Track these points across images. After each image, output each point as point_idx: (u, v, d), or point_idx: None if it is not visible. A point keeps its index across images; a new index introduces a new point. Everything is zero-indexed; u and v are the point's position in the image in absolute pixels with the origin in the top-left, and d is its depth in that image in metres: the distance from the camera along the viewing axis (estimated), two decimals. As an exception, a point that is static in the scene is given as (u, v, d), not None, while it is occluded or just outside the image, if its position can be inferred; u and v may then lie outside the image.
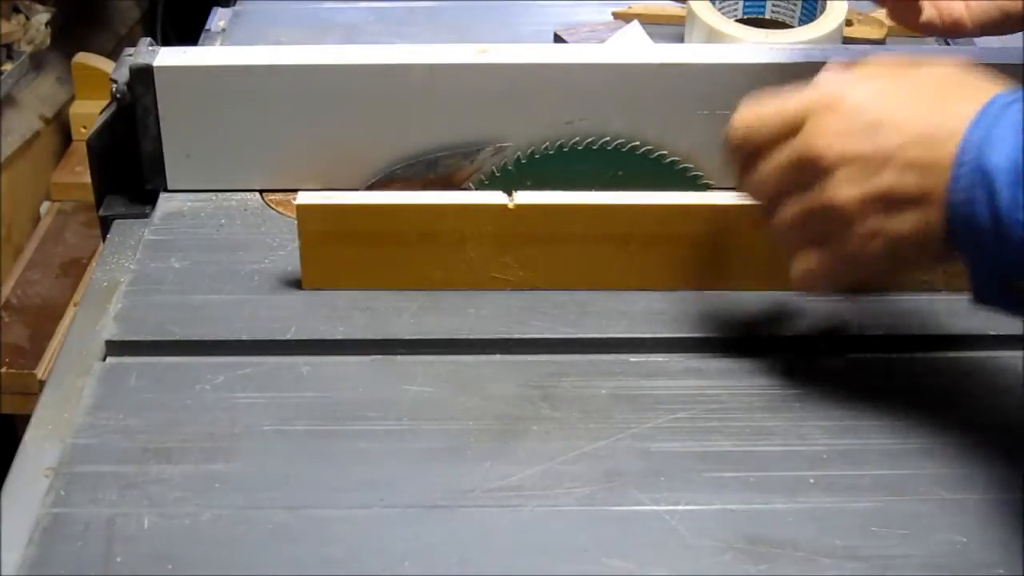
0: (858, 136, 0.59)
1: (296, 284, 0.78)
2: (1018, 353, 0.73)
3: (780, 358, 0.73)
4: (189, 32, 1.33)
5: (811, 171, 0.61)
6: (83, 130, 1.84)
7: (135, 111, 0.84)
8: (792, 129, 0.62)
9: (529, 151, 0.87)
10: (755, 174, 0.64)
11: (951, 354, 0.74)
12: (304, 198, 0.76)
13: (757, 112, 0.64)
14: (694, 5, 1.06)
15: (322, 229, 0.76)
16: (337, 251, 0.76)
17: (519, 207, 0.75)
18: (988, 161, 0.56)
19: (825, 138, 0.60)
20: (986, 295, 0.59)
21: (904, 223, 0.59)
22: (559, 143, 0.87)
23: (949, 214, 0.58)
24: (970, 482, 0.65)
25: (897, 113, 0.59)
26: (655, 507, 0.63)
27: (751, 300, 0.77)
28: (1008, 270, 0.57)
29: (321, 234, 0.76)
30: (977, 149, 0.56)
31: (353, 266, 0.77)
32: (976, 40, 1.10)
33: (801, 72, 0.85)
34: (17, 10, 1.80)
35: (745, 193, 0.65)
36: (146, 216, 0.86)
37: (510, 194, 0.76)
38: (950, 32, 0.77)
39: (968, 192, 0.56)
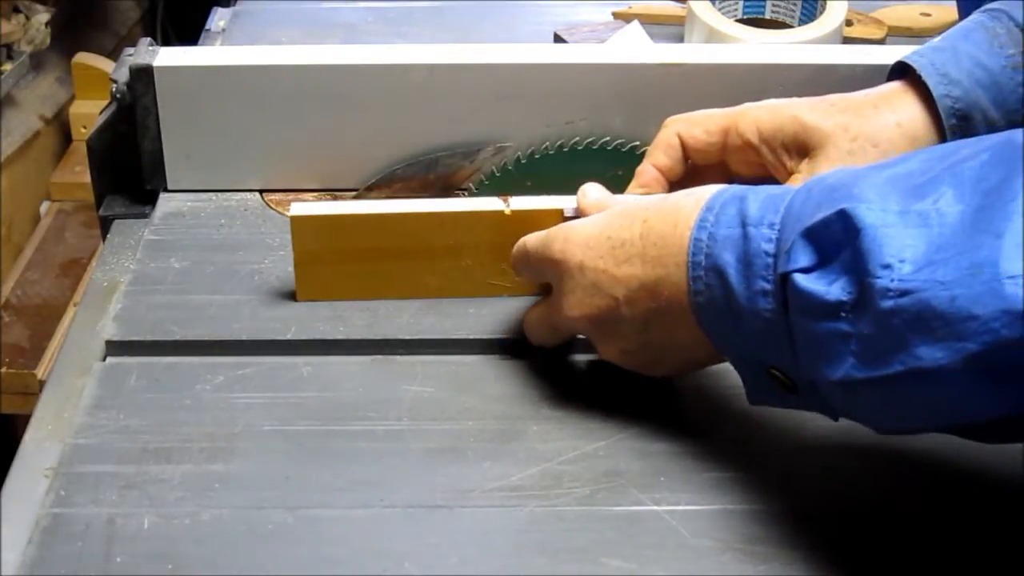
0: (590, 296, 0.65)
1: (296, 284, 0.78)
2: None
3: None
4: (189, 32, 1.33)
5: (567, 329, 0.70)
6: (83, 130, 1.85)
7: (135, 111, 0.84)
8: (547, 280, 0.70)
9: (529, 151, 0.87)
10: (527, 323, 0.73)
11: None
12: (298, 209, 0.75)
13: (515, 251, 0.72)
14: (694, 5, 1.06)
15: (316, 239, 0.75)
16: (332, 261, 0.76)
17: (516, 213, 0.75)
18: (719, 259, 0.59)
19: (570, 308, 0.67)
20: (757, 390, 0.62)
21: (665, 335, 0.64)
22: (559, 143, 0.87)
23: (701, 324, 0.61)
24: (971, 484, 0.65)
25: (616, 270, 0.64)
26: (655, 507, 0.63)
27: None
28: (763, 357, 0.59)
29: (315, 244, 0.75)
30: (702, 256, 0.60)
31: (348, 277, 0.76)
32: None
33: (801, 72, 0.85)
34: (17, 10, 1.81)
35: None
36: (146, 216, 0.86)
37: (506, 200, 0.76)
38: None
39: (707, 293, 0.60)
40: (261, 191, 0.88)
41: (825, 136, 0.72)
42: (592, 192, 0.71)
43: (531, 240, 0.70)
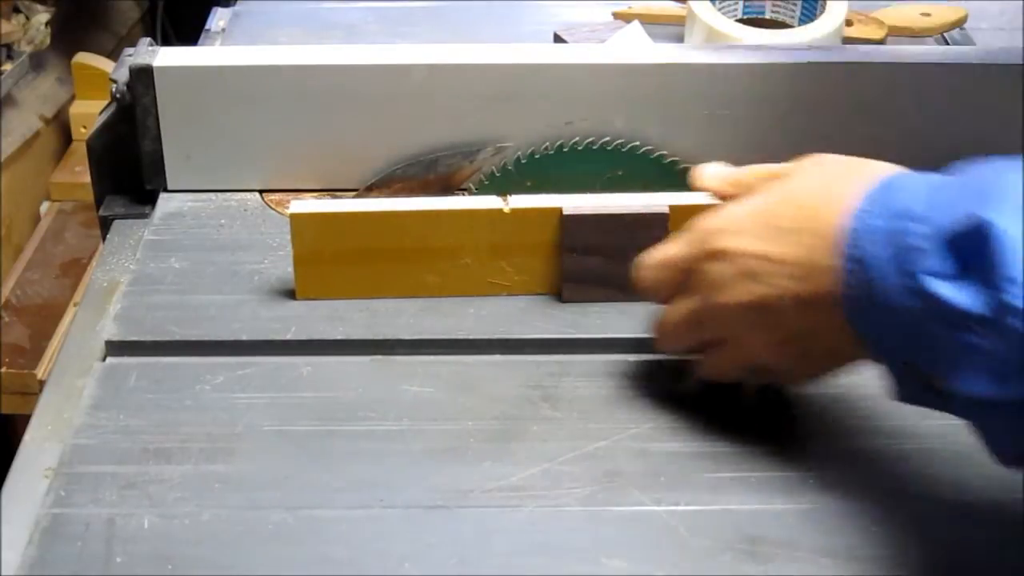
0: (746, 283, 0.63)
1: (296, 284, 0.78)
2: None
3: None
4: (189, 32, 1.33)
5: (715, 323, 0.65)
6: (83, 130, 1.84)
7: (135, 111, 0.85)
8: (685, 276, 0.66)
9: (529, 151, 0.87)
10: (666, 324, 0.69)
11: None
12: (297, 207, 0.75)
13: (651, 267, 0.68)
14: (694, 5, 1.06)
15: (316, 237, 0.75)
16: (331, 260, 0.76)
17: (515, 212, 0.75)
18: (868, 251, 0.57)
19: (726, 298, 0.64)
20: (903, 389, 0.60)
21: (814, 325, 0.62)
22: (559, 143, 0.87)
23: (848, 315, 0.59)
24: (970, 483, 0.65)
25: (773, 252, 0.62)
26: (655, 507, 0.63)
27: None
28: (908, 356, 0.57)
29: (315, 242, 0.75)
30: (859, 247, 0.58)
31: (348, 275, 0.76)
32: (975, 38, 1.11)
33: (801, 72, 0.85)
34: (17, 10, 1.80)
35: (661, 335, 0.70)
36: (146, 216, 0.86)
37: (505, 199, 0.76)
38: None
39: (856, 285, 0.58)
40: (261, 191, 0.88)
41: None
42: (712, 169, 0.70)
43: (671, 248, 0.67)
